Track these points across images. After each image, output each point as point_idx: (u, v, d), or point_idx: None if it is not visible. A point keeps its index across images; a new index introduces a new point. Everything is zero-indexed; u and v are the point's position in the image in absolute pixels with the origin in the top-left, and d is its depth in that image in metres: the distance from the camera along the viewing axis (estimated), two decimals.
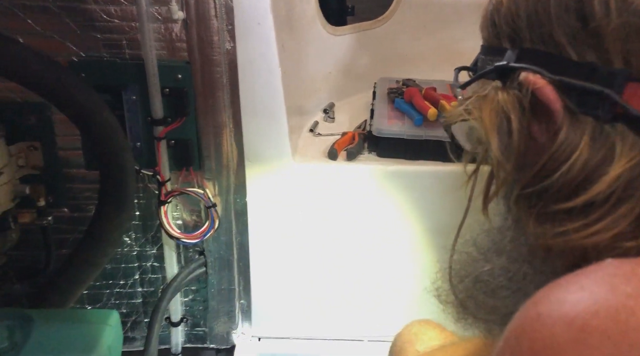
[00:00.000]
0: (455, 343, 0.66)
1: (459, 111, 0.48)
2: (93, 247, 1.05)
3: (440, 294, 0.55)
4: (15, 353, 0.81)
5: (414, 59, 1.55)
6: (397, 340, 0.77)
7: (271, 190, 1.22)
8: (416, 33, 1.56)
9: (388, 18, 1.54)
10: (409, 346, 0.73)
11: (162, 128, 1.10)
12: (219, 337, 1.33)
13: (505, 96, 0.44)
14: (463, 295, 0.52)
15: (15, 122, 1.07)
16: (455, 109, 0.49)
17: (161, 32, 1.04)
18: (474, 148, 0.50)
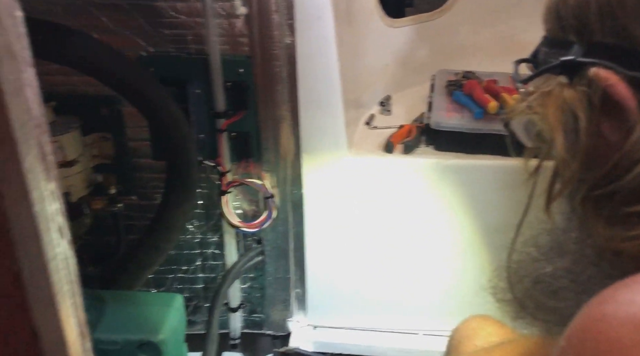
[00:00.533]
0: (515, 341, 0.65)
1: (521, 108, 0.47)
2: (159, 233, 1.11)
3: (497, 292, 0.54)
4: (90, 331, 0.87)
5: (475, 50, 1.52)
6: (455, 334, 0.77)
7: (327, 182, 1.23)
8: (477, 24, 1.52)
9: (448, 9, 1.51)
10: (467, 341, 0.72)
11: (224, 120, 1.14)
12: (275, 324, 1.36)
13: (572, 93, 0.42)
14: (522, 295, 0.51)
15: (90, 114, 1.14)
16: (517, 106, 0.48)
17: (224, 28, 1.08)
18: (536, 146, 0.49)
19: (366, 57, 1.38)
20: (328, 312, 1.35)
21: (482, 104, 1.23)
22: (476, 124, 1.19)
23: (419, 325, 1.33)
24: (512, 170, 1.14)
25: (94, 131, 1.16)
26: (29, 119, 0.33)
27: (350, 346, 1.34)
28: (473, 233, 1.23)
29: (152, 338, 0.90)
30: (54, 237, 0.36)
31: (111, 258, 1.22)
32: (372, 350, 1.33)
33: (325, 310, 1.35)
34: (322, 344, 1.35)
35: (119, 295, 1.01)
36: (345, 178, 1.23)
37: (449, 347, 0.77)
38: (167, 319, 0.94)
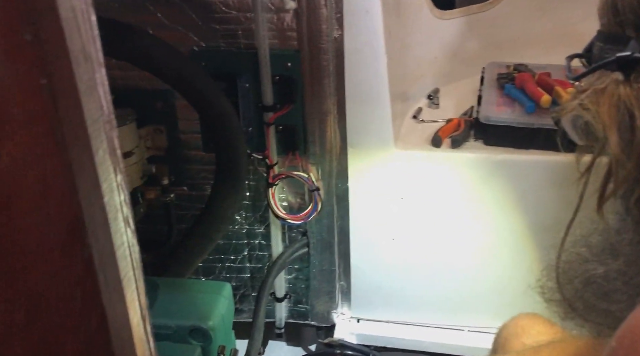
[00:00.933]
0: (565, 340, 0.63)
1: (573, 105, 0.46)
2: (208, 223, 1.14)
3: (545, 292, 0.54)
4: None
5: (527, 42, 1.47)
6: (503, 331, 0.76)
7: (372, 176, 1.23)
8: (530, 15, 1.48)
9: (496, 2, 1.48)
10: (515, 338, 0.71)
11: (272, 114, 1.16)
12: (319, 315, 1.38)
13: (628, 90, 0.41)
14: (571, 296, 0.50)
15: (144, 108, 1.18)
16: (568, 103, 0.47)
17: (273, 22, 1.09)
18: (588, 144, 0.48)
19: (414, 50, 1.37)
20: (372, 305, 1.36)
21: (534, 98, 1.20)
22: (528, 118, 1.17)
23: (464, 321, 1.32)
24: (563, 166, 1.11)
25: (148, 124, 1.21)
26: (100, 116, 0.35)
27: (394, 340, 1.34)
28: (522, 230, 1.21)
29: (203, 324, 0.93)
30: (121, 226, 0.38)
31: (163, 247, 1.27)
32: (415, 345, 1.33)
33: (370, 303, 1.36)
34: (365, 337, 1.36)
35: (170, 282, 1.05)
36: (391, 172, 1.23)
37: (495, 344, 0.77)
38: (217, 306, 0.98)
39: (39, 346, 0.36)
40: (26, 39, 0.29)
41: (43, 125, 0.31)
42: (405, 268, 1.30)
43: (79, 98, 0.33)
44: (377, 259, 1.31)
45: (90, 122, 0.34)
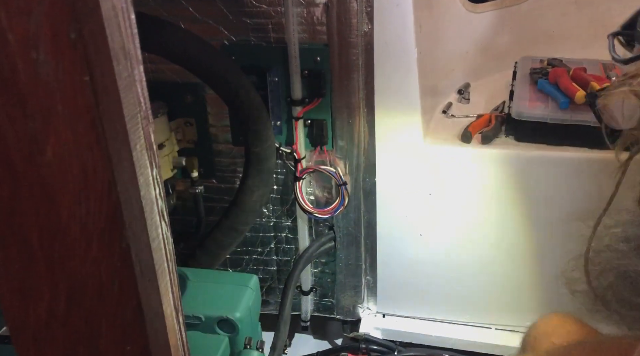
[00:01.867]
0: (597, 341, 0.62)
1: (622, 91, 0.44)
2: (237, 215, 1.16)
3: (572, 283, 0.53)
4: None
5: (562, 36, 1.44)
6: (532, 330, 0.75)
7: (400, 171, 1.23)
8: (565, 8, 1.44)
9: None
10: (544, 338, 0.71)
11: (300, 108, 1.16)
12: (345, 309, 1.39)
13: None
14: (603, 288, 0.49)
15: (175, 101, 1.20)
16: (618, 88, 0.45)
17: (303, 16, 1.09)
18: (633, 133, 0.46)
19: (446, 44, 1.35)
20: (398, 301, 1.36)
21: (568, 94, 1.17)
22: (562, 115, 1.14)
23: (491, 319, 1.31)
24: (597, 163, 1.09)
25: (179, 117, 1.23)
26: (138, 111, 0.36)
27: (420, 336, 1.34)
28: (552, 228, 1.19)
29: (230, 315, 0.95)
30: (156, 219, 0.40)
31: (192, 238, 1.29)
32: (441, 341, 1.32)
33: (396, 298, 1.36)
34: (391, 332, 1.36)
35: (199, 273, 1.07)
36: (420, 167, 1.22)
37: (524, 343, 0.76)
38: (244, 298, 0.99)
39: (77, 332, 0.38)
40: (71, 38, 0.30)
41: (85, 121, 0.32)
42: (432, 264, 1.30)
43: (119, 95, 0.34)
44: (403, 255, 1.31)
45: (128, 117, 0.35)
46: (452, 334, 1.32)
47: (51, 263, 0.34)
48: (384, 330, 1.36)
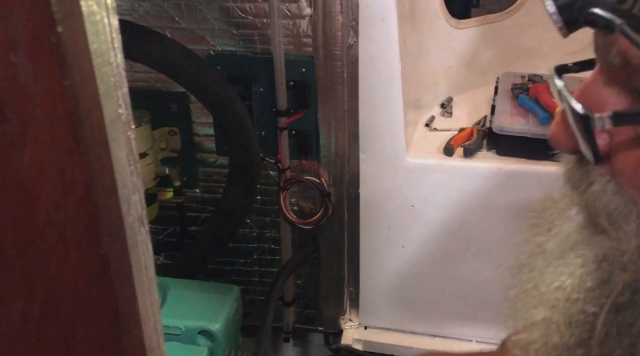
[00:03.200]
0: None
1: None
2: (220, 226, 1.15)
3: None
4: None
5: (543, 53, 1.47)
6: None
7: (384, 183, 1.23)
8: (547, 25, 1.47)
9: (517, 9, 1.47)
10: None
11: (285, 119, 1.17)
12: (327, 321, 1.38)
13: None
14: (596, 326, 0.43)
15: (159, 109, 1.20)
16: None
17: (289, 28, 1.10)
18: None
19: (429, 58, 1.37)
20: (380, 313, 1.36)
21: (548, 109, 1.19)
22: (542, 129, 1.16)
23: (472, 332, 1.31)
24: None
25: (163, 125, 1.22)
26: (119, 117, 0.36)
27: (401, 349, 1.34)
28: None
29: (210, 326, 0.94)
30: (136, 225, 0.39)
31: (174, 248, 1.28)
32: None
33: (378, 310, 1.36)
34: (372, 344, 1.35)
35: (180, 283, 1.06)
36: (403, 179, 1.23)
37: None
38: (225, 309, 0.98)
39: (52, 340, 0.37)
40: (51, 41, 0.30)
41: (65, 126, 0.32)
42: (415, 276, 1.30)
43: (99, 100, 0.34)
44: (386, 266, 1.31)
45: (109, 122, 0.35)
46: (433, 346, 1.32)
47: (27, 269, 0.34)
48: (366, 341, 1.35)
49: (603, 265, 0.43)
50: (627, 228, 0.41)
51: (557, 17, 0.43)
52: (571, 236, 0.47)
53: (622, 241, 0.41)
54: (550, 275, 0.49)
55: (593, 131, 0.41)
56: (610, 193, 0.42)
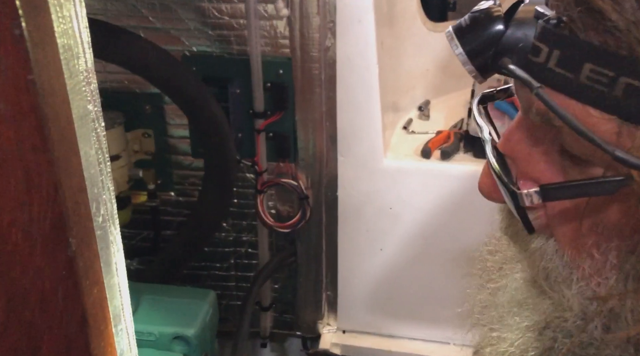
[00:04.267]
0: None
1: None
2: (195, 230, 1.13)
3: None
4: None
5: None
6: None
7: (362, 185, 1.23)
8: None
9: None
10: None
11: (262, 121, 1.16)
12: (305, 326, 1.37)
13: None
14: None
15: (133, 111, 1.18)
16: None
17: (266, 29, 1.09)
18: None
19: (406, 61, 1.38)
20: (358, 317, 1.35)
21: None
22: None
23: (449, 335, 1.32)
24: None
25: (137, 127, 1.20)
26: (88, 114, 0.35)
27: (379, 353, 1.33)
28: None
29: (185, 332, 0.92)
30: (105, 226, 0.38)
31: (148, 252, 1.25)
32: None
33: (356, 314, 1.35)
34: (351, 348, 1.34)
35: (154, 288, 1.04)
36: (380, 182, 1.23)
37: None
38: (200, 314, 0.96)
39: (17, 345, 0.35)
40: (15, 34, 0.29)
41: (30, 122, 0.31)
42: (393, 279, 1.30)
43: (67, 95, 0.32)
44: (364, 270, 1.30)
45: (77, 119, 0.34)
46: (411, 350, 1.32)
47: None
48: (344, 346, 1.35)
49: (546, 332, 0.41)
50: (568, 293, 0.38)
51: (468, 64, 0.39)
52: (519, 292, 0.45)
53: (564, 306, 0.39)
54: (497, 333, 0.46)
55: (521, 206, 0.38)
56: (550, 253, 0.39)
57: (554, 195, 0.36)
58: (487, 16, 0.38)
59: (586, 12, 0.30)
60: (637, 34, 0.28)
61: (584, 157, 0.35)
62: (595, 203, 0.35)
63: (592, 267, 0.36)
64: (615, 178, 0.32)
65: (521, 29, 0.36)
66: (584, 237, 0.36)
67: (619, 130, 0.31)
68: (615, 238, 0.35)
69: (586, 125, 0.31)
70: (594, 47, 0.30)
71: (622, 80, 0.30)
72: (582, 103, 0.32)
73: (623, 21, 0.29)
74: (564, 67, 0.32)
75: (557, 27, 0.32)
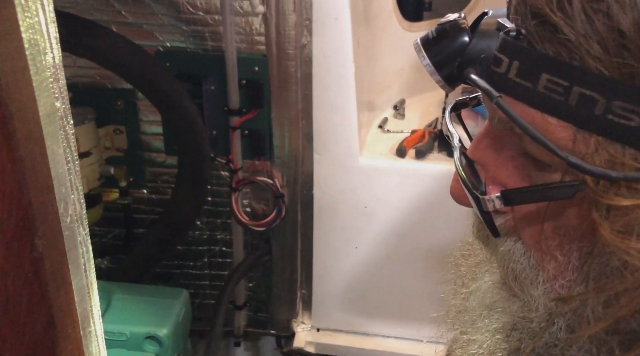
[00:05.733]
0: None
1: None
2: (168, 228, 1.12)
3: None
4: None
5: None
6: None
7: (337, 184, 1.23)
8: None
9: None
10: None
11: (237, 118, 1.14)
12: (279, 324, 1.36)
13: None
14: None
15: (104, 107, 1.15)
16: None
17: (241, 26, 1.08)
18: None
19: (382, 60, 1.38)
20: (333, 315, 1.35)
21: None
22: None
23: (422, 332, 1.33)
24: None
25: (108, 123, 1.17)
26: (56, 110, 0.33)
27: (353, 350, 1.34)
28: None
29: (157, 332, 0.91)
30: (73, 226, 0.37)
31: (120, 251, 1.23)
32: (373, 355, 1.33)
33: (331, 312, 1.35)
34: (325, 346, 1.35)
35: (126, 288, 1.02)
36: (356, 180, 1.23)
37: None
38: (173, 313, 0.95)
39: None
40: None
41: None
42: (368, 277, 1.31)
43: (33, 91, 0.31)
44: (339, 268, 1.31)
45: (44, 116, 0.32)
46: (385, 347, 1.33)
47: None
48: (318, 344, 1.35)
49: (513, 333, 0.42)
50: (535, 293, 0.39)
51: (435, 74, 0.41)
52: (488, 294, 0.46)
53: (531, 307, 0.40)
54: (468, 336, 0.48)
55: (485, 210, 0.39)
56: (518, 255, 0.40)
57: (515, 200, 0.38)
58: (452, 28, 0.40)
59: (541, 25, 0.32)
60: (587, 46, 0.30)
61: (546, 162, 0.36)
62: (555, 207, 0.36)
63: (557, 268, 0.38)
64: (571, 183, 0.34)
65: (484, 41, 0.38)
66: (548, 239, 0.38)
67: (575, 137, 0.32)
68: (576, 240, 0.36)
69: (544, 132, 0.33)
70: (549, 58, 0.32)
71: (576, 90, 0.31)
72: (541, 112, 0.33)
73: (574, 34, 0.30)
74: (523, 77, 0.33)
75: (516, 39, 0.33)
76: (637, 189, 0.31)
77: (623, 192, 0.31)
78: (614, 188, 0.31)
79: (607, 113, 0.31)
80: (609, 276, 0.34)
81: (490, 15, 0.38)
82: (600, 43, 0.30)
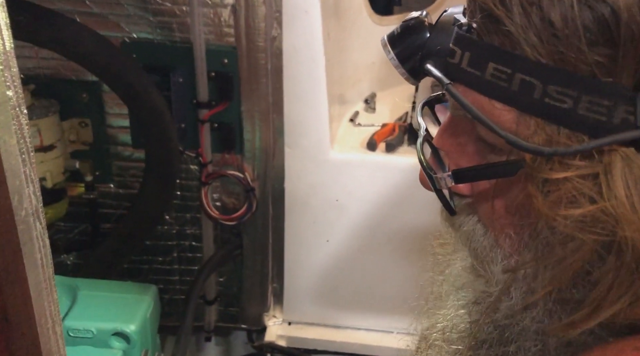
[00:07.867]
0: None
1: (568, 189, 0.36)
2: (136, 223, 1.10)
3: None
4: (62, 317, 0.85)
5: None
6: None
7: (308, 177, 1.23)
8: None
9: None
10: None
11: (207, 111, 1.13)
12: (250, 318, 1.36)
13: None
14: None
15: (69, 99, 1.12)
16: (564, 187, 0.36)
17: (210, 17, 1.07)
18: None
19: (353, 54, 1.38)
20: (305, 308, 1.35)
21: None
22: None
23: (393, 324, 1.34)
24: None
25: (73, 116, 1.14)
26: (8, 100, 0.32)
27: (325, 343, 1.34)
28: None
29: (125, 328, 0.89)
30: (29, 220, 0.35)
31: (86, 246, 1.20)
32: (345, 347, 1.34)
33: (302, 305, 1.35)
34: (296, 340, 1.35)
35: (93, 284, 1.00)
36: (327, 174, 1.23)
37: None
38: (141, 309, 0.93)
39: None
40: None
41: None
42: (338, 270, 1.31)
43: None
44: (311, 261, 1.31)
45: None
46: (355, 340, 1.34)
47: None
48: (290, 337, 1.35)
49: (475, 307, 0.46)
50: (495, 270, 0.42)
51: (400, 68, 0.46)
52: (460, 277, 0.50)
53: (491, 283, 0.43)
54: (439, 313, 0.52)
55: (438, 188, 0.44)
56: (479, 234, 0.44)
57: (464, 178, 0.42)
58: (415, 25, 0.44)
59: (487, 19, 0.36)
60: (525, 36, 0.34)
61: (496, 145, 0.39)
62: (504, 185, 0.40)
63: (511, 246, 0.41)
64: (513, 161, 0.37)
65: (441, 35, 0.42)
66: (501, 217, 0.41)
67: (518, 120, 0.36)
68: (526, 218, 0.39)
69: (491, 116, 0.36)
70: (495, 48, 0.36)
71: (518, 76, 0.35)
72: (488, 98, 0.36)
73: (514, 26, 0.34)
74: (473, 66, 0.37)
75: (468, 32, 0.37)
76: (568, 163, 0.34)
77: (556, 167, 0.35)
78: (550, 164, 0.35)
79: (544, 97, 0.34)
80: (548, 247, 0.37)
81: (448, 12, 0.42)
82: (535, 33, 0.33)
